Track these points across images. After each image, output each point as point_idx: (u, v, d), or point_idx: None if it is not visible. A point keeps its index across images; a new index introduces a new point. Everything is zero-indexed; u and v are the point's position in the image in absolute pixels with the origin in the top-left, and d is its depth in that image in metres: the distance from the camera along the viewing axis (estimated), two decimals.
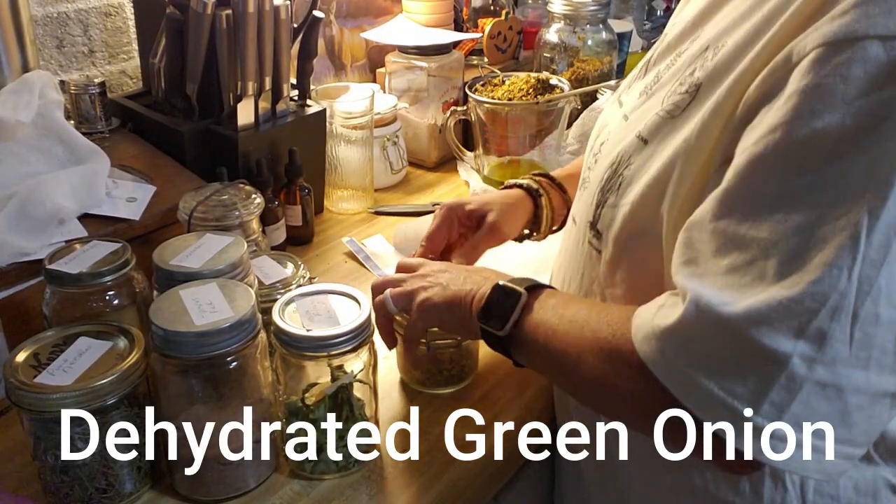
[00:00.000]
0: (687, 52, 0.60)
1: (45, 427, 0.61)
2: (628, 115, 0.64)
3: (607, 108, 0.71)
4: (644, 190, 0.57)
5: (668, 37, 0.66)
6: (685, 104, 0.55)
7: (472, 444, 0.72)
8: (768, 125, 0.46)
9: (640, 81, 0.66)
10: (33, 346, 0.63)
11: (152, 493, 0.66)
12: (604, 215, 0.61)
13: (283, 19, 0.98)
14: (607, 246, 0.61)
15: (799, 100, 0.45)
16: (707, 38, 0.57)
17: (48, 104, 0.87)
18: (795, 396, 0.44)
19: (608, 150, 0.64)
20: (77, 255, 0.71)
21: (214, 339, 0.60)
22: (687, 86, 0.56)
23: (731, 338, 0.45)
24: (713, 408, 0.46)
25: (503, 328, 0.62)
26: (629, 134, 0.60)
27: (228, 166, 0.89)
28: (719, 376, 0.46)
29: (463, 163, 1.28)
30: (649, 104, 0.61)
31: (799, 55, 0.46)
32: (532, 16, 1.61)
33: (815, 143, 0.44)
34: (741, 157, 0.48)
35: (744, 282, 0.46)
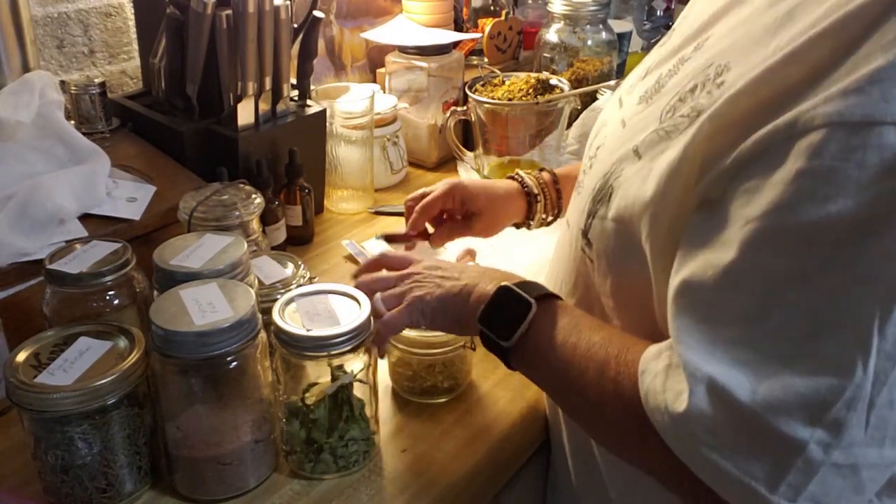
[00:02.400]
0: (690, 63, 0.57)
1: (45, 427, 0.61)
2: (626, 121, 0.62)
3: (607, 107, 0.70)
4: (629, 206, 0.56)
5: (673, 38, 0.64)
6: (683, 128, 0.52)
7: (472, 445, 0.72)
8: (773, 201, 0.45)
9: (641, 83, 0.64)
10: (34, 345, 0.63)
11: (152, 493, 0.66)
12: (594, 226, 0.60)
13: (283, 19, 0.98)
14: (598, 257, 0.60)
15: (811, 182, 0.43)
16: (712, 52, 0.54)
17: (48, 104, 0.87)
18: (812, 478, 0.45)
19: (603, 157, 0.62)
20: (77, 255, 0.71)
21: (214, 339, 0.60)
22: (688, 108, 0.53)
23: (748, 423, 0.45)
24: (731, 486, 0.46)
25: (508, 339, 0.61)
26: (625, 144, 0.59)
27: (228, 166, 0.89)
28: (736, 458, 0.46)
29: (463, 163, 1.28)
30: (648, 113, 0.58)
31: (805, 126, 0.44)
32: (532, 16, 1.61)
33: (828, 228, 0.43)
34: (745, 230, 0.46)
35: (755, 361, 0.45)
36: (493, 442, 0.73)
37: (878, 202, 0.42)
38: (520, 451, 0.75)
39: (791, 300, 0.44)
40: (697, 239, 0.50)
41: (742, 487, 0.46)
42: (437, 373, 0.77)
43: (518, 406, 0.77)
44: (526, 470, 0.79)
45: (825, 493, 0.45)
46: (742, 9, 0.55)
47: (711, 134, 0.49)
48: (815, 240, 0.43)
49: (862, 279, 0.42)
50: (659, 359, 0.51)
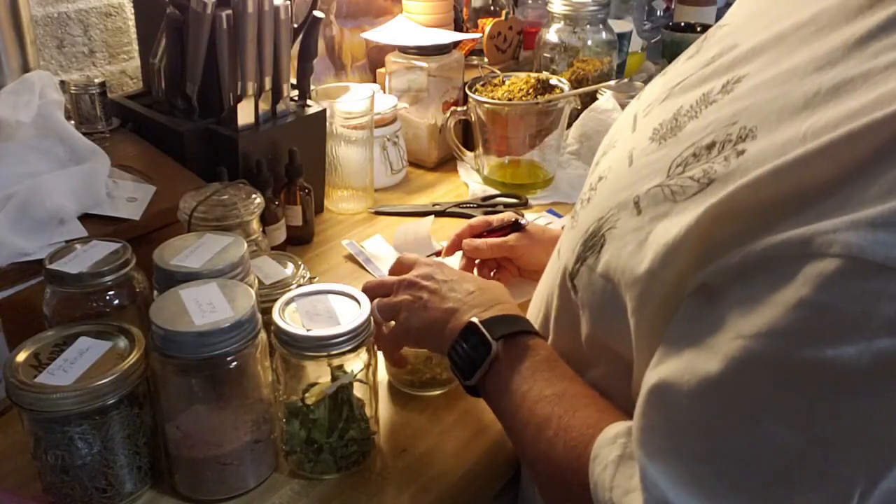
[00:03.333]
0: (714, 110, 0.49)
1: (45, 427, 0.61)
2: (634, 159, 0.55)
3: (620, 121, 0.64)
4: (619, 270, 0.51)
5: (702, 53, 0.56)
6: (690, 193, 0.47)
7: (473, 445, 0.72)
8: (770, 324, 0.40)
9: (659, 107, 0.56)
10: (33, 345, 0.63)
11: (152, 493, 0.66)
12: (581, 273, 0.56)
13: (283, 19, 0.98)
14: (583, 306, 0.57)
15: (813, 316, 0.38)
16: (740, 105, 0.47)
17: (48, 104, 0.87)
18: None
19: (603, 194, 0.57)
20: (77, 255, 0.71)
21: (214, 339, 0.60)
22: (700, 171, 0.47)
23: None
24: None
25: (470, 378, 0.63)
26: (627, 189, 0.53)
27: (228, 166, 0.89)
28: None
29: (463, 163, 1.28)
30: (657, 158, 0.52)
31: (820, 249, 0.38)
32: (532, 16, 1.61)
33: (820, 371, 0.38)
34: (734, 344, 0.42)
35: (713, 489, 0.42)
36: (493, 442, 0.73)
37: (880, 358, 0.37)
38: None
39: (766, 435, 0.40)
40: (686, 332, 0.46)
41: None
42: (434, 365, 0.77)
43: None
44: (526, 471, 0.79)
45: None
46: (785, 57, 0.47)
47: (720, 220, 0.44)
48: (804, 380, 0.39)
49: (848, 437, 0.38)
50: (613, 446, 0.49)
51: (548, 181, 1.22)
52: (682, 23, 1.71)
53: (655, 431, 0.46)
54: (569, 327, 0.60)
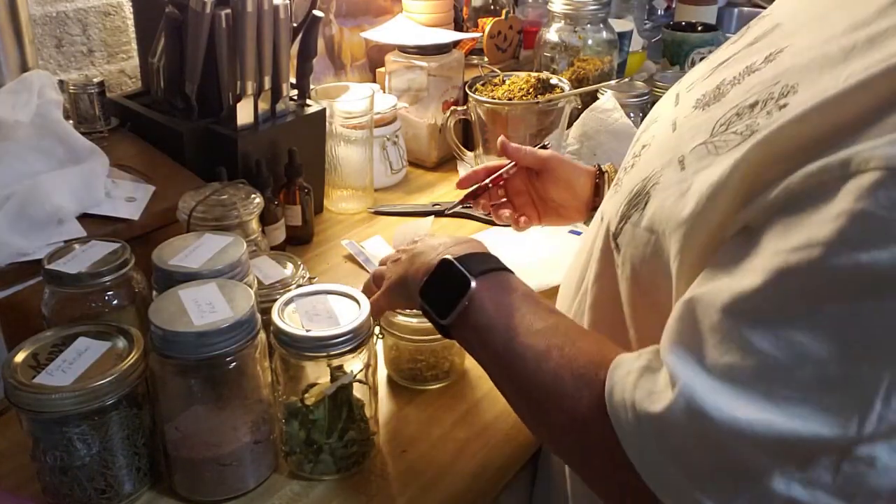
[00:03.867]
0: (758, 74, 0.52)
1: (43, 427, 0.60)
2: (678, 124, 0.58)
3: (662, 101, 0.66)
4: (664, 219, 0.53)
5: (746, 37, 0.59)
6: (732, 145, 0.49)
7: (473, 445, 0.72)
8: (810, 237, 0.42)
9: (703, 83, 0.59)
10: (32, 346, 0.63)
11: (151, 494, 0.66)
12: (625, 231, 0.57)
13: (283, 19, 0.98)
14: (624, 263, 0.58)
15: (849, 224, 0.40)
16: (782, 68, 0.50)
17: (47, 104, 0.87)
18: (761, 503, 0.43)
19: (648, 158, 0.59)
20: (76, 255, 0.71)
21: (214, 339, 0.60)
22: (743, 126, 0.49)
23: (717, 446, 0.44)
24: (677, 496, 0.46)
25: (444, 316, 0.60)
26: (671, 150, 0.55)
27: (228, 166, 0.89)
28: (696, 477, 0.45)
29: (463, 163, 1.27)
30: (701, 121, 0.54)
31: (858, 167, 0.41)
32: (532, 15, 1.61)
33: (854, 276, 0.40)
34: (773, 260, 0.44)
35: (742, 392, 0.43)
36: (493, 442, 0.72)
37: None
38: (520, 452, 0.75)
39: (798, 342, 0.42)
40: (725, 263, 0.47)
41: (690, 500, 0.45)
42: (425, 359, 0.77)
43: None
44: (526, 471, 0.78)
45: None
46: (824, 27, 0.49)
47: (763, 160, 0.46)
48: (838, 286, 0.41)
49: (876, 339, 0.40)
50: (638, 359, 0.50)
51: None
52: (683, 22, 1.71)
53: (685, 340, 0.47)
54: (608, 290, 0.61)
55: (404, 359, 0.78)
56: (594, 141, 1.21)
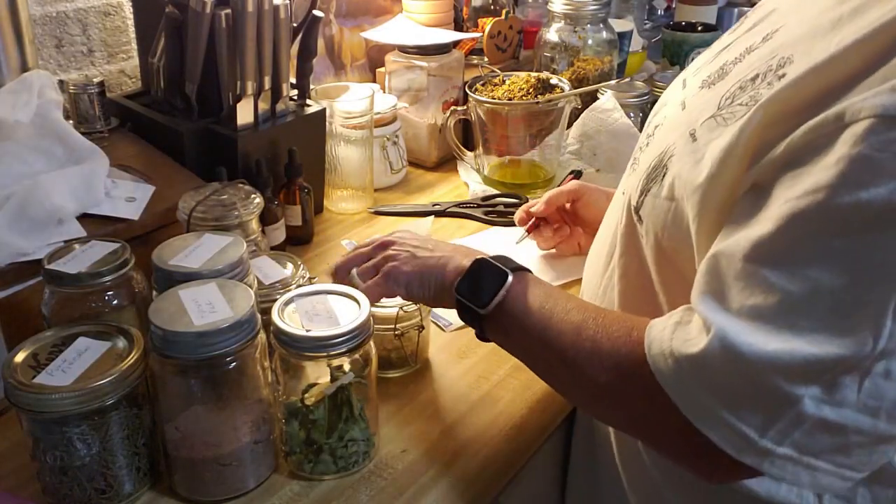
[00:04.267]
0: (757, 52, 0.58)
1: (43, 427, 0.60)
2: (686, 103, 0.63)
3: (670, 88, 0.72)
4: (681, 186, 0.58)
5: (745, 24, 0.65)
6: (740, 115, 0.54)
7: (473, 445, 0.72)
8: (814, 183, 0.47)
9: (707, 66, 0.65)
10: (32, 346, 0.63)
11: (151, 494, 0.66)
12: (646, 203, 0.63)
13: (283, 19, 0.98)
14: (647, 233, 0.63)
15: (848, 167, 0.45)
16: (778, 43, 0.56)
17: (47, 104, 0.87)
18: (800, 428, 0.48)
19: (661, 135, 0.65)
20: (76, 255, 0.71)
21: (214, 339, 0.60)
22: (747, 97, 0.55)
23: (751, 377, 0.48)
24: (722, 430, 0.50)
25: (485, 306, 0.65)
26: (683, 125, 0.61)
27: (228, 166, 0.89)
28: (734, 407, 0.49)
29: (463, 163, 1.28)
30: (708, 97, 0.60)
31: (852, 117, 0.46)
32: (532, 15, 1.61)
33: (857, 212, 0.45)
34: (783, 207, 0.48)
35: (768, 327, 0.48)
36: (493, 443, 0.72)
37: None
38: (520, 452, 0.75)
39: (813, 277, 0.47)
40: (740, 218, 0.52)
41: (733, 432, 0.49)
42: (386, 349, 0.78)
43: (518, 407, 0.77)
44: (526, 471, 0.78)
45: (809, 444, 0.48)
46: (813, 5, 0.55)
47: (767, 122, 0.51)
48: (843, 223, 0.46)
49: (884, 265, 0.45)
50: (670, 318, 0.54)
51: (548, 181, 1.21)
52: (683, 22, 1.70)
53: (712, 290, 0.52)
54: (634, 262, 0.66)
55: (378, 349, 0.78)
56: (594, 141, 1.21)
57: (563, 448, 0.88)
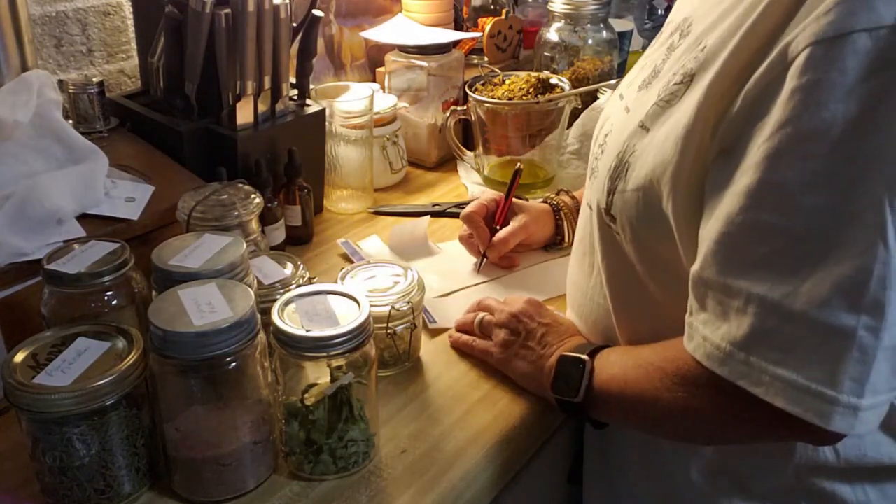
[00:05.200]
0: (681, 47, 0.63)
1: (43, 428, 0.60)
2: (629, 108, 0.67)
3: (609, 104, 0.75)
4: (647, 173, 0.60)
5: (664, 33, 0.70)
6: (681, 93, 0.58)
7: (473, 446, 0.72)
8: (777, 121, 0.50)
9: (639, 74, 0.69)
10: (32, 346, 0.63)
11: (151, 494, 0.66)
12: (615, 201, 0.65)
13: (283, 18, 0.98)
14: (623, 228, 0.65)
15: (803, 95, 0.49)
16: (698, 32, 0.61)
17: (46, 104, 0.87)
18: (870, 367, 0.48)
19: (613, 139, 0.67)
20: (75, 255, 0.71)
21: (213, 339, 0.60)
22: (681, 76, 0.59)
23: (799, 327, 0.49)
24: (800, 398, 0.50)
25: (577, 395, 0.68)
26: (632, 123, 0.64)
27: (227, 166, 0.89)
28: (798, 365, 0.49)
29: (463, 162, 1.27)
30: (648, 95, 0.64)
31: (793, 53, 0.50)
32: (532, 15, 1.61)
33: (825, 132, 0.48)
34: (758, 153, 0.51)
35: (789, 269, 0.50)
36: (493, 443, 0.72)
37: (864, 100, 0.47)
38: (520, 452, 0.75)
39: (808, 204, 0.49)
40: (719, 183, 0.54)
41: (811, 396, 0.49)
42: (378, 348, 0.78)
43: (518, 407, 0.77)
44: (526, 471, 0.78)
45: (882, 381, 0.49)
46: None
47: (720, 92, 0.54)
48: (816, 144, 0.48)
49: (866, 169, 0.47)
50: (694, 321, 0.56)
51: (548, 181, 1.21)
52: None
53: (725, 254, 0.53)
54: (616, 260, 0.69)
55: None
56: None
57: (563, 448, 0.88)
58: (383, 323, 0.77)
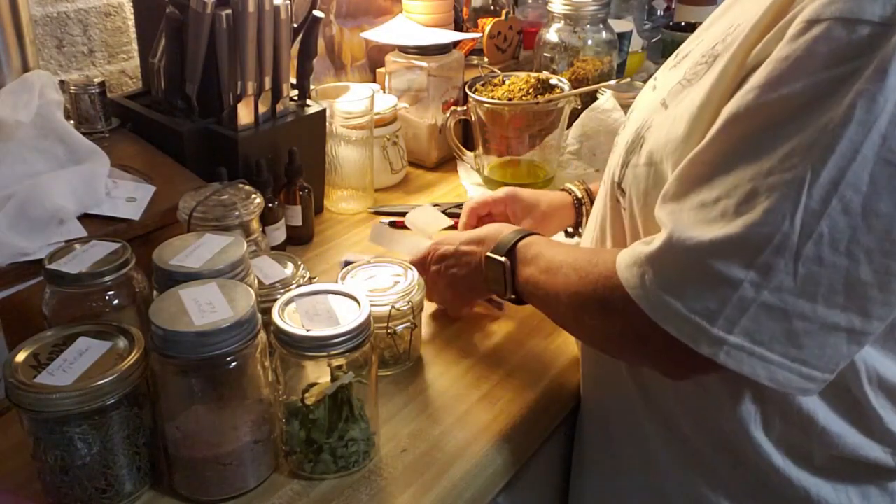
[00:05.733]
0: (713, 30, 0.65)
1: (44, 427, 0.60)
2: (657, 85, 0.70)
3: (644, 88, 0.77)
4: (658, 149, 0.62)
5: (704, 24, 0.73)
6: (702, 73, 0.60)
7: (473, 445, 0.72)
8: (748, 85, 0.53)
9: (673, 60, 0.72)
10: (33, 346, 0.63)
11: (152, 494, 0.66)
12: (626, 175, 0.67)
13: (283, 19, 0.98)
14: (630, 203, 0.67)
15: (773, 67, 0.51)
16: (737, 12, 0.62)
17: (48, 104, 0.87)
18: (745, 314, 0.52)
19: (636, 116, 0.70)
20: (77, 255, 0.71)
21: (214, 339, 0.60)
22: (708, 56, 0.61)
23: (696, 266, 0.53)
24: (679, 323, 0.54)
25: (507, 293, 0.76)
26: (655, 101, 0.67)
27: (228, 166, 0.89)
28: (685, 298, 0.54)
29: (463, 163, 1.28)
30: (675, 74, 0.66)
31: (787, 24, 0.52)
32: (532, 15, 1.61)
33: (778, 107, 0.51)
34: (726, 110, 0.54)
35: (709, 217, 0.53)
36: (493, 442, 0.73)
37: (818, 87, 0.49)
38: (520, 452, 0.75)
39: (740, 167, 0.52)
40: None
41: (688, 324, 0.54)
42: (378, 347, 0.78)
43: (518, 406, 0.77)
44: (526, 471, 0.79)
45: (757, 331, 0.52)
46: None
47: (733, 72, 0.56)
48: (767, 117, 0.51)
49: (799, 149, 0.50)
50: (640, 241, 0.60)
51: (548, 181, 1.21)
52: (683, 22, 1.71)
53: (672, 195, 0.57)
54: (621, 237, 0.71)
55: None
56: (594, 141, 1.22)
57: (563, 448, 0.88)
58: (383, 323, 0.77)
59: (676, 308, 0.54)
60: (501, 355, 0.85)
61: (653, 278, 0.56)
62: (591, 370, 0.80)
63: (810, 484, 0.64)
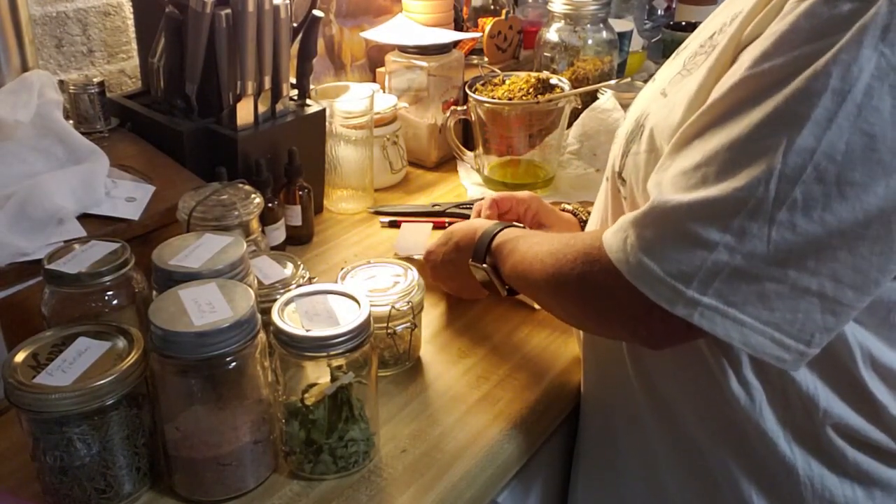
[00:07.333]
0: (712, 22, 0.67)
1: (43, 427, 0.60)
2: (656, 77, 0.72)
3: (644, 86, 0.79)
4: (658, 135, 0.63)
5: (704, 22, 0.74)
6: (701, 62, 0.62)
7: (472, 445, 0.72)
8: (738, 62, 0.55)
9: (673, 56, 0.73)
10: (32, 346, 0.63)
11: (151, 494, 0.66)
12: (627, 164, 0.68)
13: (283, 18, 0.98)
14: (630, 192, 0.68)
15: (761, 42, 0.53)
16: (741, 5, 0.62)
17: (47, 104, 0.87)
18: (717, 277, 0.53)
19: (636, 107, 0.71)
20: (76, 255, 0.71)
21: (214, 339, 0.60)
22: (706, 47, 0.63)
23: (674, 227, 0.55)
24: (655, 285, 0.55)
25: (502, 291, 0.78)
26: (654, 92, 0.68)
27: (228, 166, 0.89)
28: (662, 260, 0.55)
29: (463, 163, 1.27)
30: (674, 64, 0.68)
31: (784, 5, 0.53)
32: (532, 15, 1.61)
33: (762, 79, 0.52)
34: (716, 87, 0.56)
35: (690, 183, 0.55)
36: (492, 442, 0.73)
37: (797, 61, 0.51)
38: (520, 452, 0.75)
39: (721, 136, 0.54)
40: None
41: (664, 285, 0.55)
42: (378, 348, 0.78)
43: (518, 407, 0.77)
44: (526, 471, 0.78)
45: (731, 292, 0.53)
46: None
47: (730, 53, 0.58)
48: (751, 88, 0.53)
49: (776, 117, 0.51)
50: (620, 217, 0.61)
51: (548, 181, 1.21)
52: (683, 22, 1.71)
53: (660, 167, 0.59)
54: None
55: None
56: (594, 141, 1.21)
57: (563, 448, 0.88)
58: (383, 323, 0.77)
59: (653, 270, 0.55)
60: (501, 355, 0.85)
61: (634, 241, 0.57)
62: (593, 366, 0.80)
63: (815, 473, 0.64)
